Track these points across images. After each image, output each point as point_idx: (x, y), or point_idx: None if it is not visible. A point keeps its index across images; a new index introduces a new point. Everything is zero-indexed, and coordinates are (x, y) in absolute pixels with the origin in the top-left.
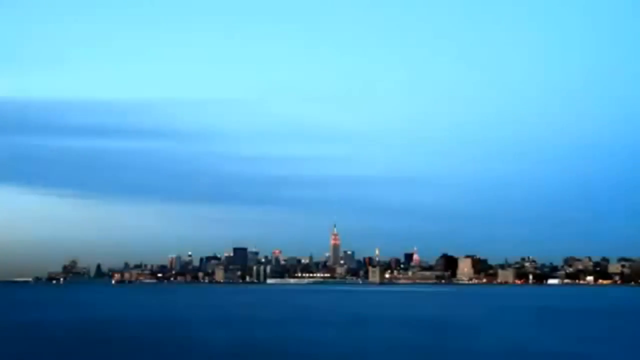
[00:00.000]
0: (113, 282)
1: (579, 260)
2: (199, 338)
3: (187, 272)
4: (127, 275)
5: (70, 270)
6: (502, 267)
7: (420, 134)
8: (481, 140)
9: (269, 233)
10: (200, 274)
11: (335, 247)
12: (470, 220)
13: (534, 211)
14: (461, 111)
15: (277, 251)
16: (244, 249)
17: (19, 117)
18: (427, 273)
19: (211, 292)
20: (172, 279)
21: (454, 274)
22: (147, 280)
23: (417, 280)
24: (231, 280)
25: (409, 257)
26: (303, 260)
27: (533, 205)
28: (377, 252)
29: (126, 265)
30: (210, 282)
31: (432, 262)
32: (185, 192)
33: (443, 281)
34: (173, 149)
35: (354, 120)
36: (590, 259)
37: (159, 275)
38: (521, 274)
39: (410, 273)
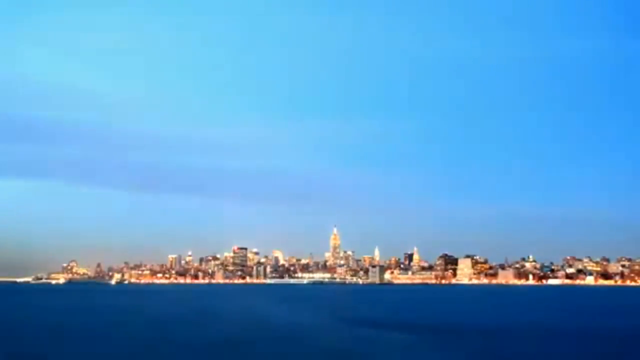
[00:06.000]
0: (113, 282)
1: (579, 260)
2: None
3: (186, 272)
4: (127, 275)
5: (70, 270)
6: (502, 267)
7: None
8: None
9: (269, 233)
10: (200, 274)
11: (335, 247)
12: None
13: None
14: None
15: (277, 251)
16: (244, 249)
17: None
18: (427, 273)
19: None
20: (172, 278)
21: (454, 274)
22: (144, 281)
23: (417, 280)
24: (231, 281)
25: (408, 257)
26: (303, 260)
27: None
28: (377, 252)
29: (126, 265)
30: (209, 282)
31: (432, 262)
32: (184, 191)
33: (443, 281)
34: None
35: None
36: (590, 259)
37: (159, 275)
38: (521, 274)
39: (410, 273)
